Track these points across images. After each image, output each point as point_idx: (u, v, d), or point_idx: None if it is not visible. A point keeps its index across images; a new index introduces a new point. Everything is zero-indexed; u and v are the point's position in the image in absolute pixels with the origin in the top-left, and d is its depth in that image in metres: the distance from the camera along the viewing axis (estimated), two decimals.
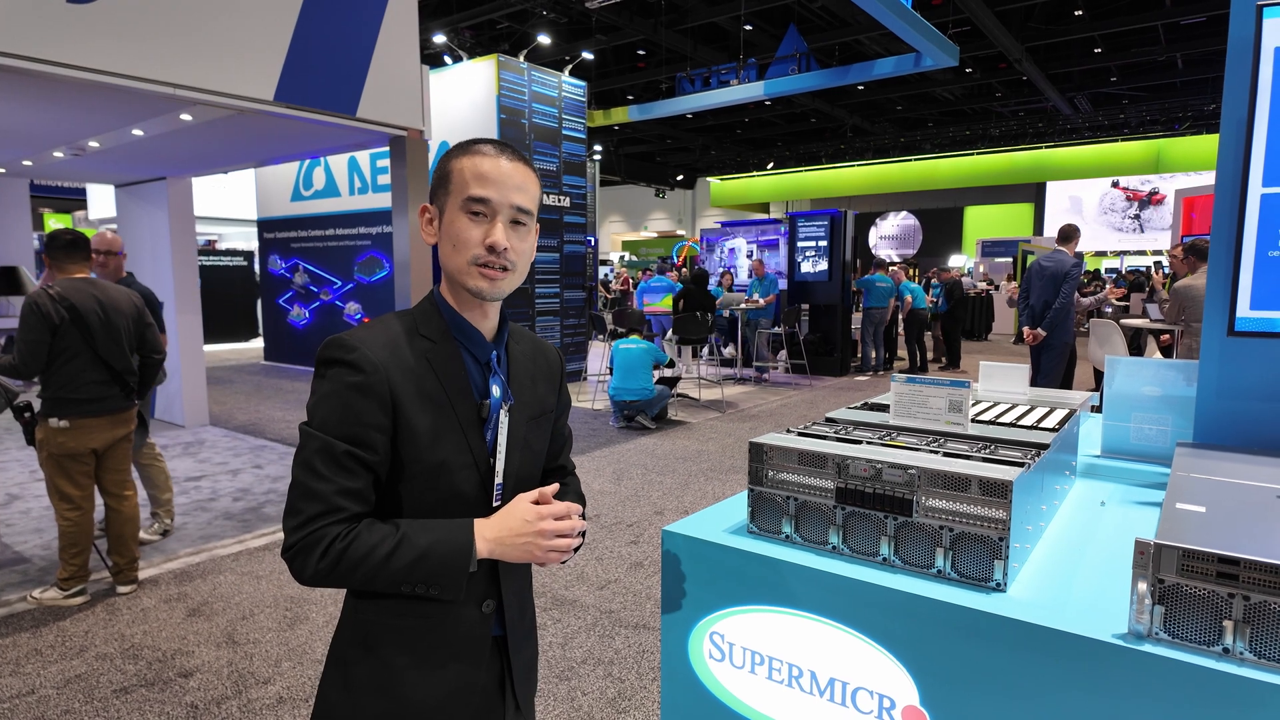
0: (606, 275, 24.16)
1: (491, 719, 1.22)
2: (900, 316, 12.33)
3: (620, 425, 7.59)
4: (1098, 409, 2.17)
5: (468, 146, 1.15)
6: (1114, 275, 20.59)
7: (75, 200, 15.37)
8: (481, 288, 1.12)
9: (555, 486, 1.17)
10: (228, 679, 2.88)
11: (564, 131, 10.09)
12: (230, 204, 15.81)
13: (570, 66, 12.57)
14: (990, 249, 22.52)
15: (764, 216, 20.65)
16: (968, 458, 1.22)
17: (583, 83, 10.43)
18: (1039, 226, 25.89)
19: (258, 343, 14.83)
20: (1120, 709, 0.94)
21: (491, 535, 1.10)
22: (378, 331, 1.12)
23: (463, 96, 9.50)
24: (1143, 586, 0.94)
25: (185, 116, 4.69)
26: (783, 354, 11.56)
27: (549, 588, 3.71)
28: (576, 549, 1.18)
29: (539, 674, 2.89)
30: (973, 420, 1.54)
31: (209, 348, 12.70)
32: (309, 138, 5.50)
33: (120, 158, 6.23)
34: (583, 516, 1.18)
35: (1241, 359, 1.55)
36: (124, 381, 3.56)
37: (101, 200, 11.26)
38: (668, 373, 8.09)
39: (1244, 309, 1.45)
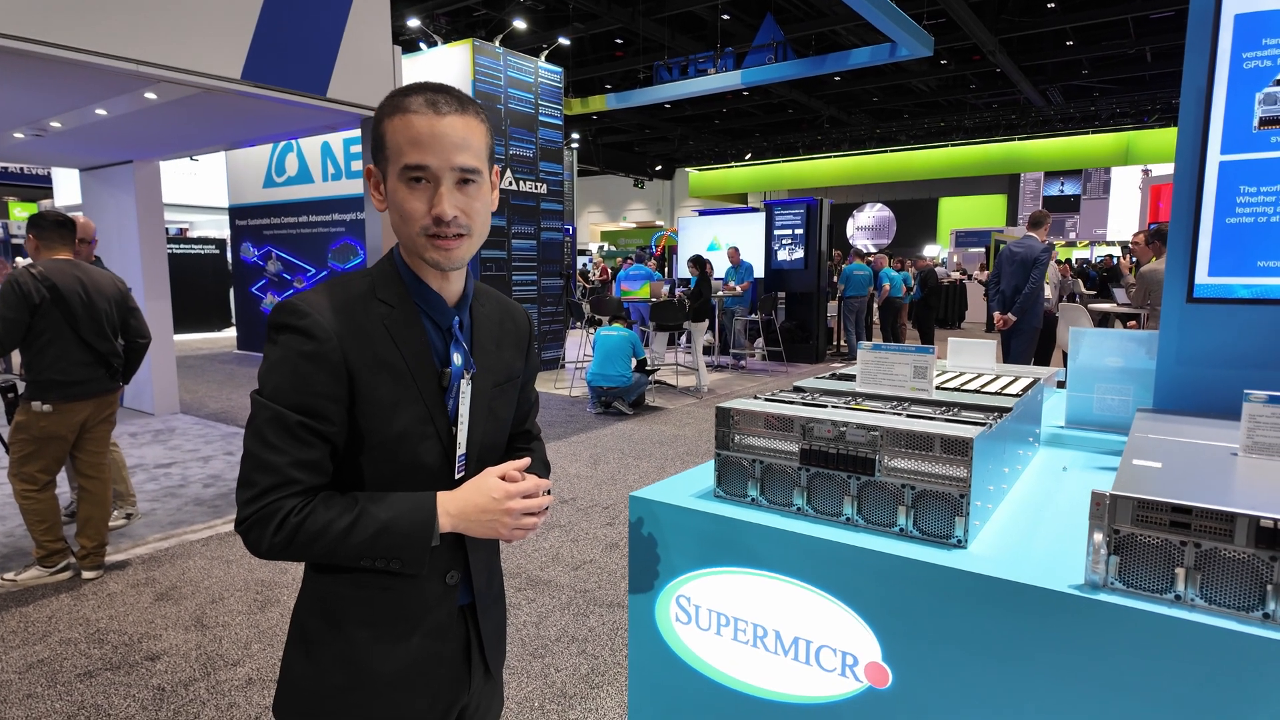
0: (585, 265, 24.06)
1: (457, 687, 1.19)
2: (876, 304, 12.44)
3: (597, 411, 7.58)
4: (1063, 384, 2.20)
5: (397, 102, 1.03)
6: (1084, 264, 20.89)
7: (41, 189, 14.99)
8: (437, 259, 1.06)
9: (525, 461, 1.14)
10: (196, 661, 2.84)
11: (540, 118, 10.01)
12: (201, 191, 15.54)
13: (547, 53, 12.48)
14: (964, 239, 22.77)
15: (741, 205, 20.69)
16: (930, 419, 1.23)
17: (559, 68, 10.35)
18: (1012, 217, 26.22)
19: (230, 332, 14.60)
20: (1077, 657, 0.95)
21: (455, 510, 1.06)
22: (333, 295, 1.06)
23: (437, 81, 9.39)
24: (1099, 537, 0.96)
25: (150, 95, 4.58)
26: (759, 341, 11.61)
27: (524, 568, 3.70)
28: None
29: (512, 650, 2.89)
30: (937, 388, 1.55)
31: (181, 337, 12.45)
32: (278, 119, 5.40)
33: (84, 139, 6.08)
34: (547, 493, 1.15)
35: (1200, 325, 1.57)
36: (109, 363, 3.52)
37: (67, 186, 10.98)
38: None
39: (1203, 275, 1.47)
